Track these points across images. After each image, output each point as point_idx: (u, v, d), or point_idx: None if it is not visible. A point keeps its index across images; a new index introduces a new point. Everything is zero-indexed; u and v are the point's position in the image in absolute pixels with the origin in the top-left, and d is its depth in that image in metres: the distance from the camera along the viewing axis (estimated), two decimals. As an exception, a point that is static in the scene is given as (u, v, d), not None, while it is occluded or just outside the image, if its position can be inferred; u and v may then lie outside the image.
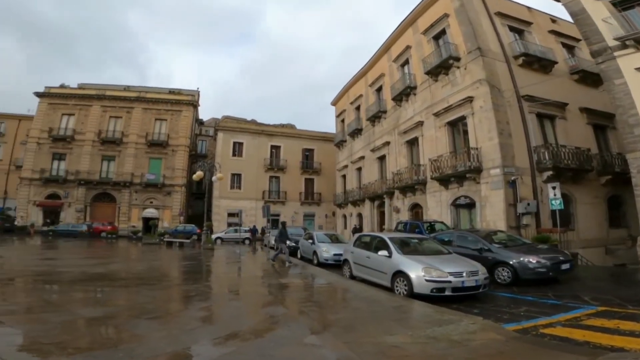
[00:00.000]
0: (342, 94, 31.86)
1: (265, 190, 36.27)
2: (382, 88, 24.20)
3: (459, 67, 16.42)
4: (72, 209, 32.47)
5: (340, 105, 32.57)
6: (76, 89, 36.03)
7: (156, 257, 14.28)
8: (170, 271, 10.31)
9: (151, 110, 35.67)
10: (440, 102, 17.41)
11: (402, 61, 21.56)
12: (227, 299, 6.04)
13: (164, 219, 33.82)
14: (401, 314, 5.36)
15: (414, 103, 20.08)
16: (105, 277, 7.90)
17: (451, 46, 16.68)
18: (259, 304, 5.84)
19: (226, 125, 37.38)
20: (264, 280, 9.24)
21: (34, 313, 4.07)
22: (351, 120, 28.99)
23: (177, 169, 35.05)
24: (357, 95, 28.30)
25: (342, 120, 31.72)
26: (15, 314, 3.99)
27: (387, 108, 23.14)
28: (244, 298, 6.27)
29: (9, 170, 37.13)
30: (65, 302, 4.78)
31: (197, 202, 39.83)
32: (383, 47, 23.81)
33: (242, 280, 9.30)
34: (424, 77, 18.80)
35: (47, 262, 10.03)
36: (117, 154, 34.18)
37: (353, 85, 29.44)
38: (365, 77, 26.99)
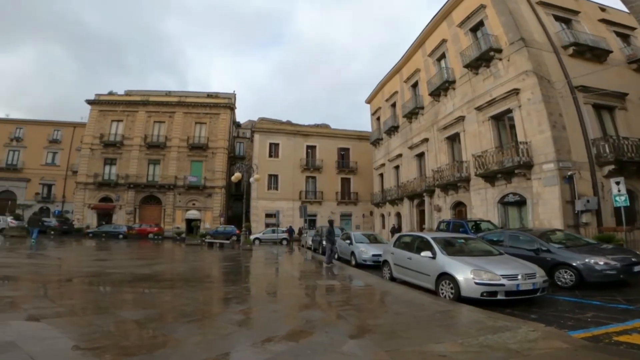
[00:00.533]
0: (377, 91, 31.30)
1: (301, 190, 36.40)
2: (418, 84, 23.55)
3: (501, 59, 15.56)
4: (123, 212, 34.47)
5: (375, 103, 32.02)
6: (123, 95, 38.29)
7: (198, 258, 14.63)
8: (210, 272, 10.44)
9: (191, 114, 37.09)
10: (483, 96, 16.52)
11: (437, 55, 20.85)
12: (264, 302, 5.90)
13: (206, 220, 34.96)
14: (448, 320, 4.92)
15: (453, 98, 19.23)
16: (150, 278, 8.09)
17: (491, 38, 15.85)
18: (295, 307, 5.64)
19: (262, 126, 38.01)
20: (301, 281, 9.06)
21: (78, 315, 4.14)
22: (387, 118, 28.38)
23: (216, 171, 36.11)
24: (392, 92, 27.67)
25: (378, 118, 31.17)
26: (60, 316, 4.08)
27: (424, 104, 22.43)
28: (281, 300, 6.11)
29: (67, 176, 40.18)
30: (109, 304, 4.87)
31: (236, 203, 40.80)
32: (417, 42, 23.17)
33: (280, 282, 9.20)
34: (462, 70, 18.00)
35: (99, 263, 10.51)
36: (161, 157, 35.86)
37: (387, 82, 28.84)
38: (400, 74, 26.35)
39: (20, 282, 6.32)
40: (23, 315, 4.01)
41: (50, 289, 5.84)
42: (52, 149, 41.73)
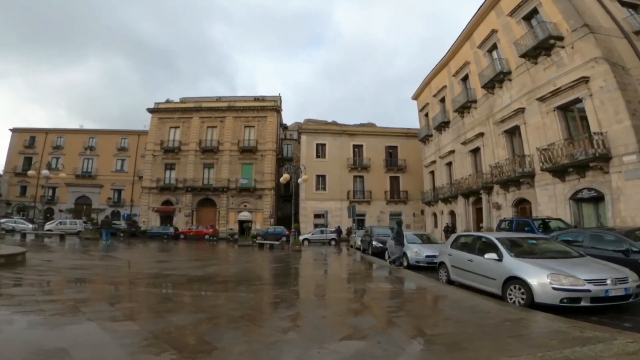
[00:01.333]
0: (423, 87, 30.20)
1: (349, 190, 36.03)
2: (469, 77, 22.41)
3: (564, 47, 14.33)
4: (182, 214, 36.58)
5: (423, 99, 30.85)
6: (178, 103, 40.66)
7: (249, 259, 14.90)
8: (260, 274, 10.50)
9: (240, 118, 38.38)
10: (545, 86, 15.24)
11: (488, 47, 19.76)
12: (312, 306, 5.68)
13: (257, 221, 35.90)
14: (521, 329, 4.33)
15: (509, 89, 17.94)
16: (203, 280, 8.27)
17: (548, 25, 14.69)
18: (345, 313, 5.33)
19: (308, 127, 38.26)
20: (350, 284, 8.74)
21: (131, 320, 4.23)
22: (436, 114, 27.20)
23: (266, 173, 36.97)
24: (440, 87, 26.58)
25: (426, 114, 30.03)
26: (115, 321, 4.20)
27: (477, 97, 21.23)
28: (330, 305, 5.84)
29: (134, 181, 43.55)
30: (162, 308, 4.95)
31: (285, 204, 41.46)
32: (463, 35, 22.15)
33: (328, 284, 8.96)
34: (518, 60, 16.80)
35: (158, 265, 11.03)
36: (215, 161, 37.52)
37: (434, 77, 27.77)
38: (448, 68, 25.24)
39: (85, 285, 6.72)
40: (81, 318, 4.15)
41: (110, 292, 6.12)
42: (120, 156, 45.53)
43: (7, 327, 3.64)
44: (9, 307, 4.45)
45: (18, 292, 5.54)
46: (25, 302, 4.86)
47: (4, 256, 8.32)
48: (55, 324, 3.79)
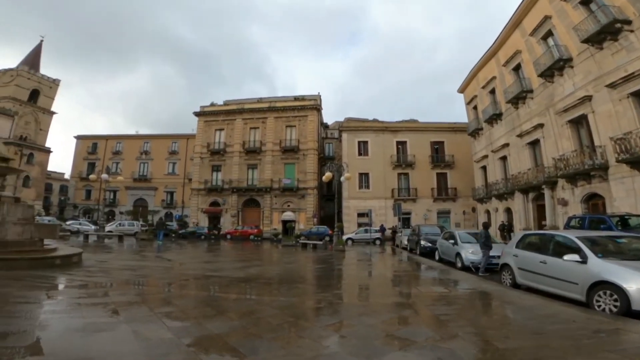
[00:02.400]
0: (470, 79, 28.52)
1: (394, 188, 34.86)
2: (521, 66, 21.00)
3: (633, 31, 13.00)
4: (228, 215, 37.59)
5: (470, 92, 29.06)
6: (222, 105, 41.88)
7: (291, 259, 14.67)
8: (302, 276, 10.14)
9: (281, 118, 38.63)
10: (615, 72, 13.77)
11: (542, 34, 18.42)
12: (357, 313, 5.12)
13: (300, 221, 35.88)
14: (622, 342, 3.54)
15: (572, 77, 16.47)
16: (244, 282, 8.07)
17: (611, 9, 13.54)
18: (395, 321, 4.73)
19: (349, 125, 37.60)
20: (398, 287, 8.09)
21: (165, 327, 4.00)
22: (486, 106, 25.53)
23: (308, 172, 36.87)
24: (489, 78, 25.00)
25: (474, 107, 28.27)
26: (149, 325, 3.94)
27: (533, 87, 19.74)
28: (377, 312, 5.26)
29: (184, 183, 45.66)
30: (198, 314, 4.73)
31: (328, 203, 41.17)
32: (511, 23, 20.91)
33: (374, 288, 8.35)
34: (580, 46, 15.46)
35: (202, 266, 11.08)
36: (258, 162, 38.14)
37: (481, 68, 26.18)
38: (496, 58, 23.74)
39: (130, 287, 6.72)
40: (118, 324, 4.00)
41: (151, 294, 6.02)
42: (171, 159, 48.01)
43: (40, 332, 3.50)
44: (52, 312, 4.38)
45: (64, 294, 5.58)
46: (68, 305, 4.83)
47: (60, 257, 8.69)
48: (90, 329, 3.62)
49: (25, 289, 5.52)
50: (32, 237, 8.93)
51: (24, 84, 45.67)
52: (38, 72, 48.77)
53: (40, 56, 51.69)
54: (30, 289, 5.51)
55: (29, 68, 47.10)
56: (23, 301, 4.69)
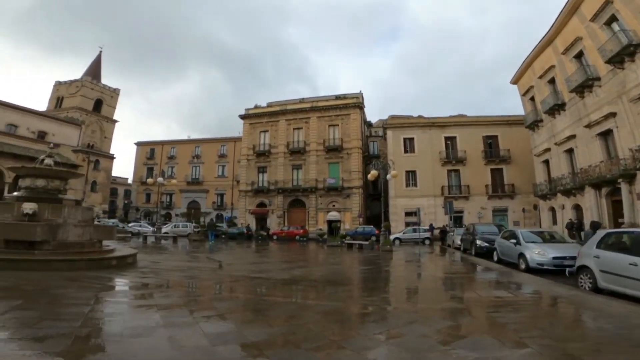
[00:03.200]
0: (524, 69, 26.74)
1: (443, 185, 33.26)
2: (583, 53, 19.61)
3: None
4: (275, 215, 38.20)
5: (525, 82, 27.07)
6: (266, 107, 42.70)
7: (336, 260, 14.31)
8: (347, 278, 9.72)
9: (324, 117, 38.52)
10: None
11: (605, 19, 17.30)
12: (407, 320, 4.61)
13: (345, 221, 35.50)
14: None
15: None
16: (288, 284, 7.87)
17: None
18: (453, 331, 4.15)
19: (393, 122, 36.52)
20: (453, 291, 7.40)
21: (200, 331, 3.85)
22: (545, 96, 23.74)
23: (353, 171, 36.38)
24: (547, 68, 23.33)
25: (531, 98, 26.35)
26: (186, 332, 3.79)
27: (600, 74, 18.16)
28: (431, 319, 4.70)
29: (233, 185, 47.24)
30: (237, 319, 4.54)
31: (374, 203, 40.31)
32: (567, 10, 19.82)
33: (425, 292, 7.70)
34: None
35: (247, 267, 11.06)
36: (302, 162, 38.34)
37: (536, 57, 24.50)
38: (553, 46, 22.28)
39: (176, 288, 6.75)
40: (156, 329, 3.89)
41: (193, 297, 5.97)
42: (221, 162, 49.95)
43: (73, 337, 3.44)
44: (92, 318, 4.42)
45: (112, 296, 5.68)
46: (112, 308, 4.87)
47: (116, 258, 9.06)
48: (127, 334, 3.55)
49: (78, 289, 5.70)
50: (91, 239, 9.41)
51: (88, 94, 50.09)
52: (100, 82, 53.28)
53: (100, 66, 56.46)
54: (82, 290, 5.67)
55: (91, 78, 51.63)
56: (72, 302, 4.80)
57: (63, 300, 4.89)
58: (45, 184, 9.57)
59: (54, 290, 5.52)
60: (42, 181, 9.56)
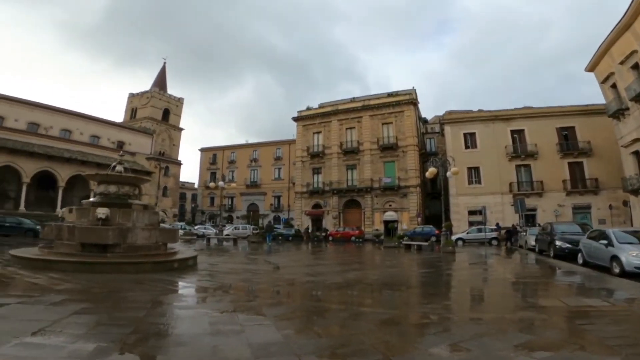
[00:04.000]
0: (600, 56, 24.02)
1: (511, 182, 30.67)
2: None
3: None
4: (330, 216, 38.17)
5: (603, 69, 24.17)
6: (317, 108, 42.89)
7: (394, 262, 13.67)
8: (405, 282, 9.10)
9: (377, 116, 37.68)
10: None
11: None
12: (474, 333, 4.00)
13: (403, 221, 34.32)
14: None
15: None
16: (340, 288, 7.54)
17: None
18: (532, 346, 3.48)
19: (451, 117, 34.49)
20: (530, 298, 6.50)
21: (241, 341, 3.62)
22: (629, 83, 21.36)
23: (409, 169, 35.07)
24: (628, 53, 20.86)
25: (612, 85, 23.50)
26: (230, 336, 3.64)
27: None
28: (503, 332, 4.04)
29: (289, 187, 48.22)
30: (281, 327, 4.27)
31: (433, 202, 38.48)
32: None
33: (496, 298, 6.86)
34: None
35: (300, 270, 10.92)
36: (356, 162, 37.86)
37: (614, 43, 22.02)
38: (632, 30, 20.10)
39: (228, 293, 6.70)
40: (204, 334, 3.85)
41: (243, 302, 5.88)
42: (277, 165, 51.34)
43: (113, 340, 3.46)
44: (146, 321, 4.50)
45: (169, 299, 5.81)
46: (165, 313, 4.97)
47: (178, 260, 9.47)
48: (173, 343, 3.50)
49: (139, 293, 5.93)
50: (157, 242, 9.93)
51: (157, 104, 54.54)
52: (166, 92, 57.70)
53: (165, 77, 61.17)
54: (143, 293, 5.89)
55: (159, 89, 56.11)
56: (131, 306, 4.96)
57: (123, 304, 5.08)
58: (116, 190, 10.29)
59: (118, 293, 5.80)
60: (114, 187, 10.29)
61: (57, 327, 3.68)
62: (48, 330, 3.56)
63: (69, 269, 7.63)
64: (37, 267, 7.74)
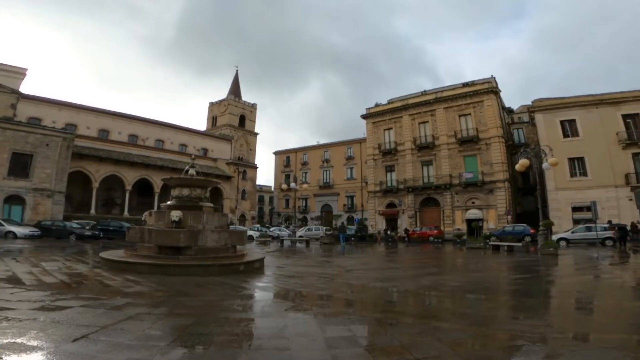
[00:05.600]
0: None
1: (628, 173, 25.89)
2: None
3: None
4: (406, 216, 36.36)
5: None
6: (386, 105, 41.32)
7: (478, 266, 12.04)
8: (492, 290, 7.65)
9: (452, 108, 35.00)
10: None
11: None
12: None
13: (489, 219, 31.15)
14: None
15: None
16: (412, 296, 6.63)
17: None
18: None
19: (543, 104, 30.25)
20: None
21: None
22: None
23: (495, 163, 31.75)
24: None
25: None
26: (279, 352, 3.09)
27: None
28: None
29: (362, 187, 47.35)
30: (338, 345, 3.60)
31: (525, 198, 34.27)
32: None
33: (619, 314, 5.18)
34: None
35: (369, 274, 10.00)
36: (432, 157, 35.54)
37: None
38: None
39: (285, 300, 6.15)
40: (245, 350, 3.40)
41: (293, 310, 5.31)
42: (349, 165, 50.91)
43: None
44: (191, 333, 4.14)
45: (224, 308, 5.45)
46: (216, 323, 4.61)
47: (244, 263, 9.38)
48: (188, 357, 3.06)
49: (197, 298, 5.77)
50: (225, 244, 10.01)
51: (234, 111, 58.13)
52: (240, 99, 61.20)
53: (239, 84, 64.85)
54: (201, 297, 5.74)
55: (234, 96, 59.72)
56: (182, 313, 4.76)
57: (176, 309, 4.91)
58: (189, 193, 10.67)
59: (176, 297, 5.68)
60: (187, 190, 10.69)
61: (100, 334, 3.55)
62: (91, 337, 3.43)
63: (144, 271, 7.96)
64: (118, 269, 8.25)
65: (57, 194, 26.89)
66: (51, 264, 8.96)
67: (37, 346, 3.09)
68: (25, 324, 3.73)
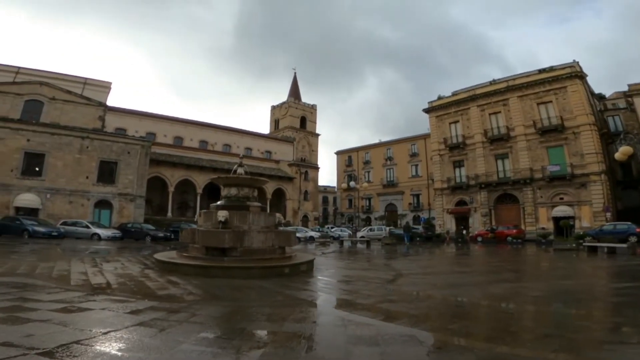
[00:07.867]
0: None
1: None
2: None
3: None
4: (478, 214, 33.26)
5: None
6: (451, 97, 38.29)
7: (568, 272, 10.02)
8: (587, 303, 5.96)
9: (528, 96, 31.29)
10: None
11: None
12: None
13: (582, 217, 27.03)
14: None
15: None
16: (475, 308, 5.43)
17: None
18: None
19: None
20: None
21: None
22: None
23: (586, 154, 27.55)
24: None
25: None
26: None
27: None
28: None
29: (428, 184, 44.71)
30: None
31: (627, 192, 29.17)
32: None
33: None
34: None
35: (426, 280, 8.84)
36: (507, 150, 32.11)
37: None
38: None
39: (319, 314, 5.40)
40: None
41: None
42: (413, 162, 48.53)
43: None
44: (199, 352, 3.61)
45: (248, 317, 4.89)
46: (222, 333, 4.06)
47: (289, 266, 8.75)
48: None
49: (222, 305, 5.26)
50: (272, 245, 9.55)
51: (295, 113, 59.06)
52: (300, 100, 61.96)
53: (297, 86, 65.65)
54: (224, 306, 5.20)
55: (294, 99, 60.63)
56: (200, 321, 4.26)
57: (194, 317, 4.45)
58: (237, 192, 10.45)
59: (205, 302, 5.23)
60: (235, 190, 10.48)
61: (103, 338, 3.22)
62: (93, 340, 3.12)
63: (190, 273, 7.81)
64: (166, 270, 8.22)
65: (138, 198, 29.58)
66: (110, 265, 9.33)
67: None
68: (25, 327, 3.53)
